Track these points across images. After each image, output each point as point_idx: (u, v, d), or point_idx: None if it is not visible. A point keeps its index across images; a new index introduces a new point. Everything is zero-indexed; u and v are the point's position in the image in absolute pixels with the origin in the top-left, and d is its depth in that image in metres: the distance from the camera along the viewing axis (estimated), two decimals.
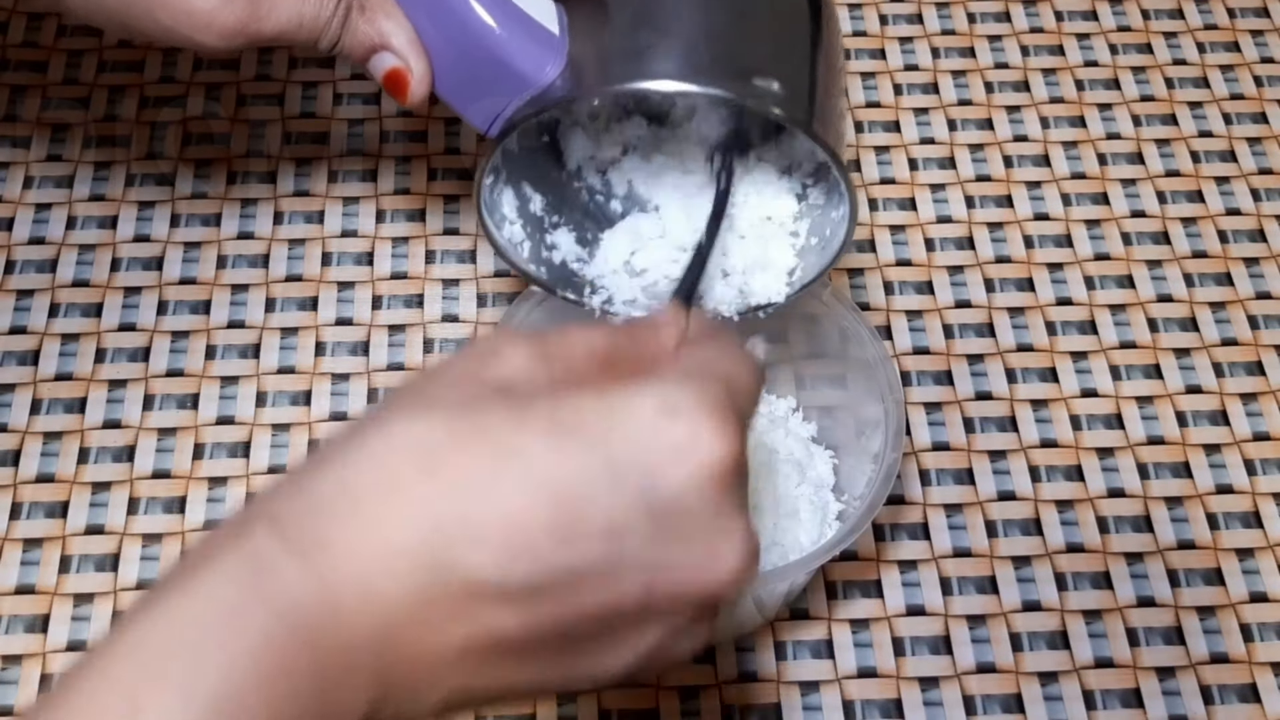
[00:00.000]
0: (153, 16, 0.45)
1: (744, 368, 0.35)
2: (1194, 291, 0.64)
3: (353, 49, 0.47)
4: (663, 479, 0.31)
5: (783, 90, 0.45)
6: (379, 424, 0.31)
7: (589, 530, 0.30)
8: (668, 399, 0.31)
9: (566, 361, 0.33)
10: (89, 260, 0.63)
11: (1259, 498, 0.58)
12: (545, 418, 0.31)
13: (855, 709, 0.53)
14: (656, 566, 0.31)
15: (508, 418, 0.31)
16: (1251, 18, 0.73)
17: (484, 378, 0.32)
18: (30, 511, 0.56)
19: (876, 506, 0.48)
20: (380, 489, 0.30)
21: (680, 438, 0.31)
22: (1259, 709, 0.53)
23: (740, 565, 0.32)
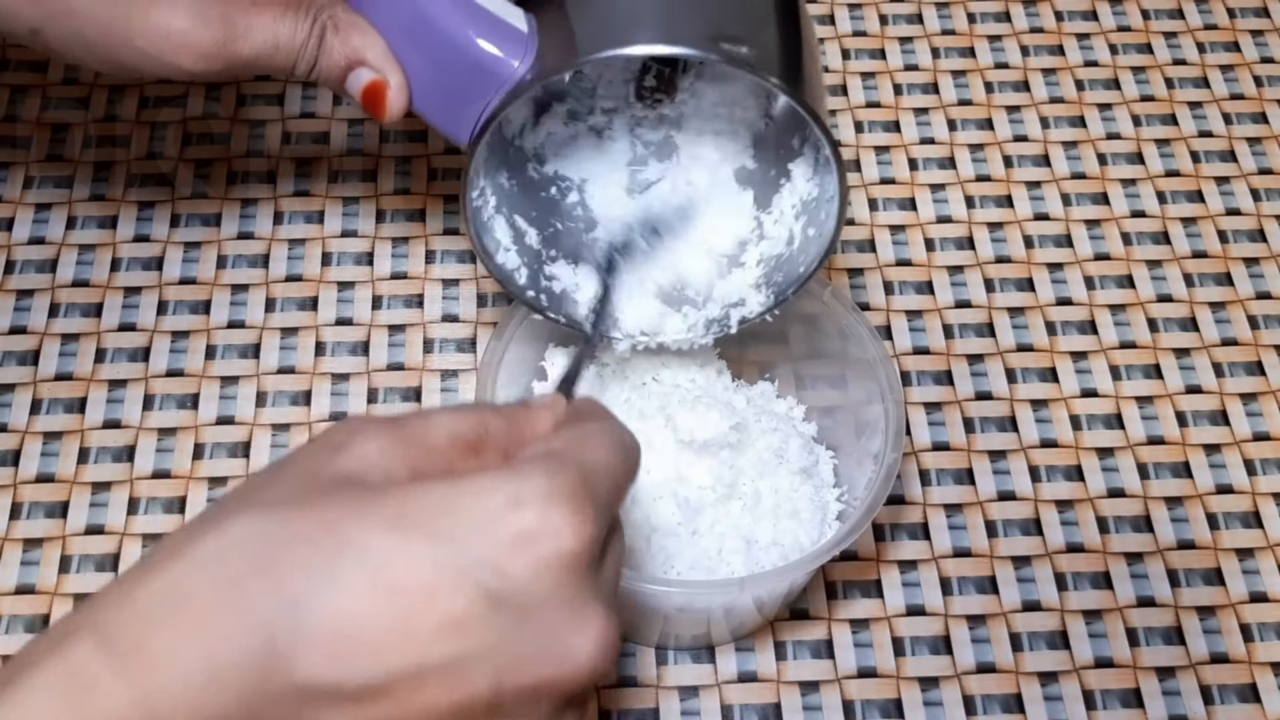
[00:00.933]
0: (131, 44, 0.45)
1: (609, 451, 0.34)
2: (1194, 291, 0.64)
3: (330, 69, 0.47)
4: (507, 572, 0.30)
5: (755, 53, 0.45)
6: (213, 523, 0.30)
7: (430, 627, 0.29)
8: (514, 490, 0.30)
9: (426, 448, 0.32)
10: (89, 260, 0.63)
11: (1259, 498, 0.58)
12: (388, 511, 0.30)
13: (855, 709, 0.53)
14: (504, 661, 0.30)
15: (348, 511, 0.30)
16: (1251, 18, 0.73)
17: (331, 470, 0.31)
18: (30, 511, 0.56)
19: (876, 506, 0.48)
20: (209, 591, 0.29)
21: (524, 528, 0.30)
22: (1259, 709, 0.53)
23: (594, 655, 0.31)
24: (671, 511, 0.51)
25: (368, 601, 0.29)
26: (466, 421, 0.33)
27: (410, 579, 0.29)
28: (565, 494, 0.31)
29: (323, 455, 0.32)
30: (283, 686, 0.28)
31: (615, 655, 0.31)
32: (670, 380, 0.55)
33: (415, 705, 0.29)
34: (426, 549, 0.29)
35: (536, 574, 0.30)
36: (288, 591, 0.29)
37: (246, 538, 0.30)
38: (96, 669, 0.28)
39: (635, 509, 0.51)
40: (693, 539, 0.51)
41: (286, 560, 0.29)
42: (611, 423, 0.36)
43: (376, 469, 0.31)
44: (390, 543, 0.29)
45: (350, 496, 0.30)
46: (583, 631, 0.31)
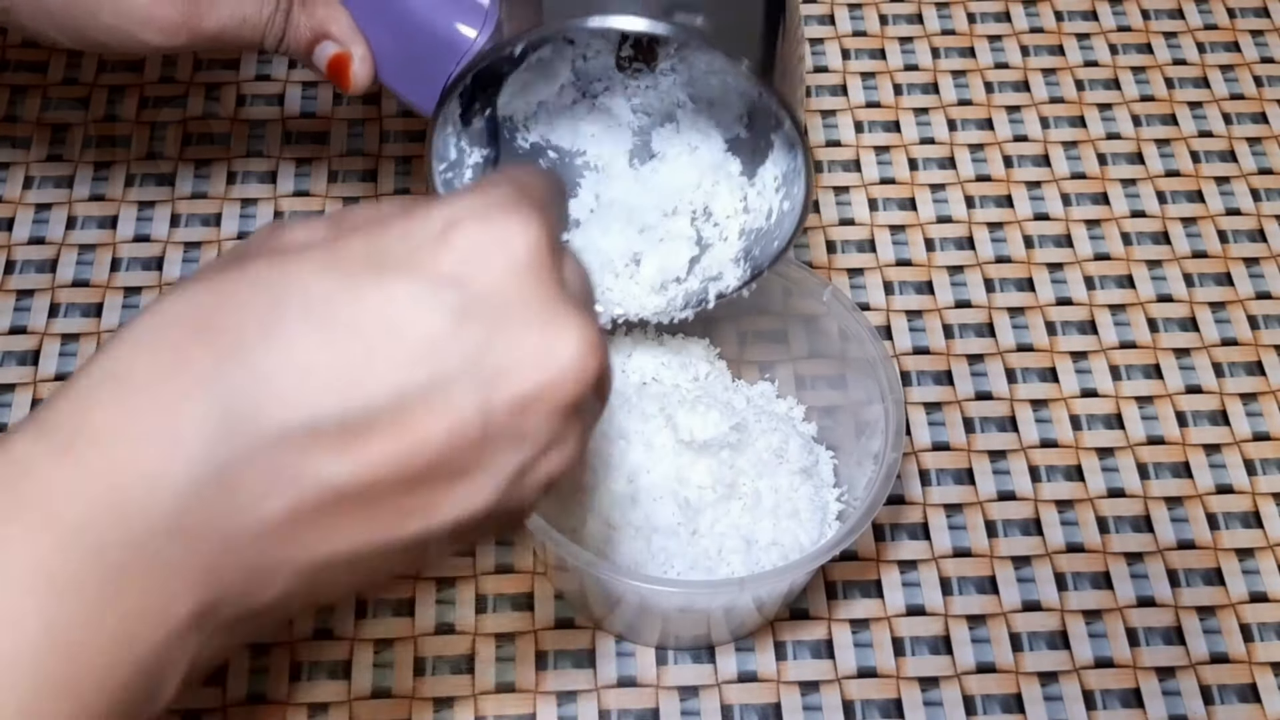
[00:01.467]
0: (97, 18, 0.45)
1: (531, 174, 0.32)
2: (1194, 291, 0.64)
3: (297, 43, 0.48)
4: (465, 284, 0.28)
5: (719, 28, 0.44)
6: (146, 310, 0.29)
7: (400, 352, 0.28)
8: (449, 211, 0.29)
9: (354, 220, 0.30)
10: (89, 260, 0.63)
11: (1259, 498, 0.58)
12: (320, 259, 0.29)
13: (855, 709, 0.53)
14: (486, 376, 0.28)
15: (277, 268, 0.28)
16: (1251, 18, 0.73)
17: (258, 248, 0.30)
18: None
19: (876, 506, 0.48)
20: (152, 367, 0.27)
21: (473, 240, 0.29)
22: (1259, 709, 0.53)
23: (576, 353, 0.29)
24: (671, 511, 0.51)
25: (322, 342, 0.27)
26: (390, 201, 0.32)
27: (365, 313, 0.28)
28: (502, 202, 0.29)
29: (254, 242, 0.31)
30: (252, 442, 0.27)
31: (600, 352, 0.30)
32: (670, 380, 0.55)
33: (405, 437, 0.28)
34: (374, 280, 0.28)
35: (496, 281, 0.29)
36: (235, 348, 0.27)
37: (178, 310, 0.28)
38: (37, 456, 0.26)
39: (635, 509, 0.51)
40: (693, 539, 0.51)
41: (224, 321, 0.28)
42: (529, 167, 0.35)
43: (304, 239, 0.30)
44: (330, 283, 0.28)
45: (283, 257, 0.29)
46: (559, 331, 0.29)
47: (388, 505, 0.28)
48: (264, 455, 0.27)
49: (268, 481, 0.27)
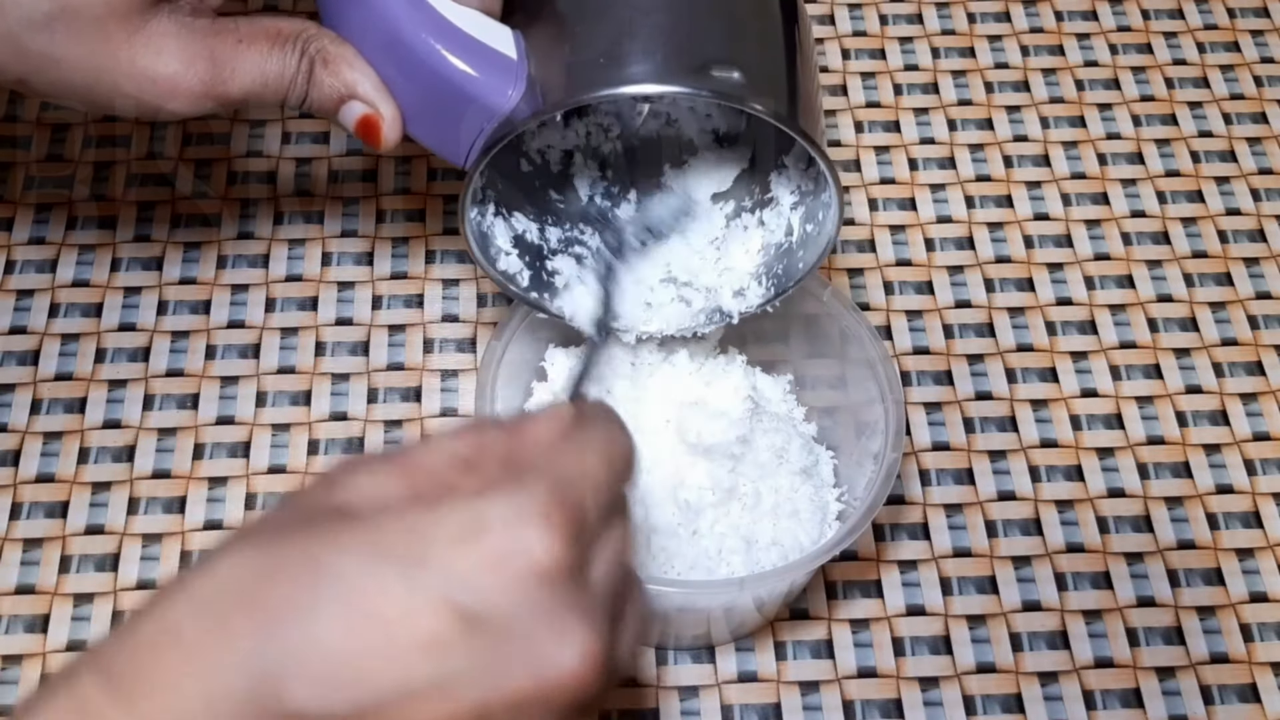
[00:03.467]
0: (119, 89, 0.45)
1: (593, 461, 0.34)
2: (1194, 291, 0.64)
3: (321, 103, 0.47)
4: (479, 590, 0.30)
5: (750, 81, 0.45)
6: (205, 561, 0.31)
7: (410, 649, 0.30)
8: (480, 511, 0.31)
9: (423, 471, 0.33)
10: (89, 260, 0.63)
11: (1259, 498, 0.58)
12: (364, 539, 0.31)
13: (855, 709, 0.53)
14: (488, 679, 0.30)
15: (327, 542, 0.31)
16: (1251, 18, 0.73)
17: (323, 503, 0.32)
18: (30, 511, 0.56)
19: (876, 506, 0.48)
20: (201, 628, 0.30)
21: (493, 547, 0.31)
22: (1259, 709, 0.53)
23: (576, 666, 0.31)
24: (671, 512, 0.51)
25: (347, 629, 0.30)
26: (464, 440, 0.34)
27: (386, 604, 0.30)
28: (532, 511, 0.31)
29: (319, 490, 0.33)
30: (273, 715, 0.29)
31: (603, 662, 0.32)
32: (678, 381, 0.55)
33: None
34: (398, 573, 0.30)
35: (509, 591, 0.31)
36: (270, 624, 0.30)
37: (233, 574, 0.31)
38: (97, 698, 0.29)
39: (635, 509, 0.51)
40: (693, 539, 0.51)
41: (268, 594, 0.30)
42: (604, 429, 0.36)
43: (369, 498, 0.32)
44: (364, 570, 0.30)
45: (332, 527, 0.31)
46: (563, 644, 0.31)
47: None
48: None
49: None
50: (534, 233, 0.53)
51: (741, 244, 0.53)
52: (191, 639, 0.30)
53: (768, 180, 0.52)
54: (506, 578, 0.31)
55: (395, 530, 0.31)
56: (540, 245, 0.53)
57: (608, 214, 0.55)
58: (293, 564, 0.30)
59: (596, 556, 0.33)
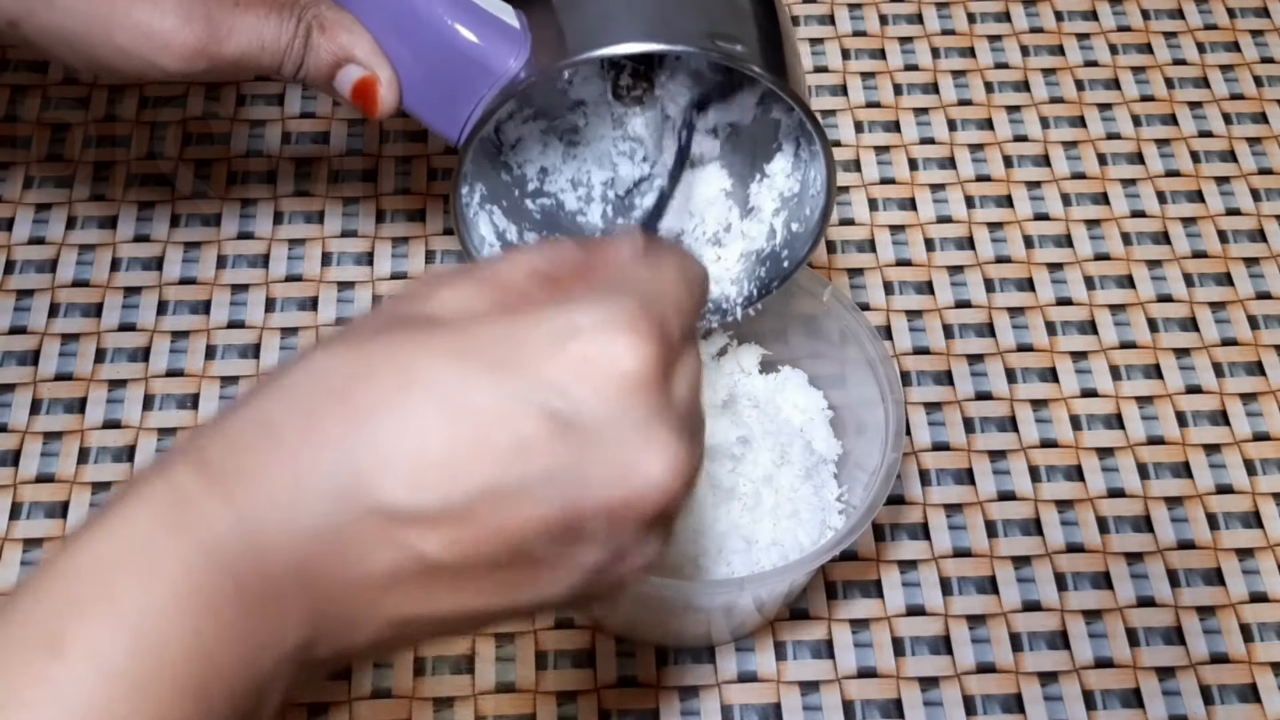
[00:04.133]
0: (111, 40, 0.45)
1: (673, 280, 0.34)
2: (1194, 291, 0.64)
3: (317, 68, 0.47)
4: (570, 395, 0.30)
5: (748, 50, 0.45)
6: (299, 358, 0.32)
7: (498, 450, 0.30)
8: (571, 318, 0.31)
9: (502, 285, 0.33)
10: (89, 260, 0.63)
11: (1259, 498, 0.58)
12: (453, 343, 0.31)
13: (855, 709, 0.53)
14: (575, 482, 0.31)
15: (416, 345, 0.31)
16: (1251, 18, 0.73)
17: (411, 310, 0.33)
18: (30, 511, 0.56)
19: (876, 506, 0.48)
20: (294, 422, 0.30)
21: (584, 353, 0.31)
22: (1259, 709, 0.53)
23: (663, 474, 0.31)
24: None
25: (436, 428, 0.30)
26: (543, 255, 0.34)
27: (475, 406, 0.30)
28: (622, 319, 0.31)
29: (403, 302, 0.33)
30: (365, 508, 0.30)
31: (688, 474, 0.32)
32: None
33: (494, 526, 0.30)
34: (488, 377, 0.30)
35: (599, 396, 0.31)
36: (361, 421, 0.30)
37: (325, 370, 0.31)
38: (195, 489, 0.29)
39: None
40: (693, 539, 0.51)
41: (359, 392, 0.30)
42: (680, 255, 0.36)
43: (455, 309, 0.32)
44: (454, 372, 0.30)
45: (421, 331, 0.31)
46: (651, 451, 0.31)
47: (474, 583, 0.31)
48: (373, 522, 0.30)
49: (373, 546, 0.30)
50: (513, 233, 0.53)
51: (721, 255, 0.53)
52: (284, 431, 0.30)
53: (747, 193, 0.52)
54: (597, 384, 0.31)
55: (484, 336, 0.31)
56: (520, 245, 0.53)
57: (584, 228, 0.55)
58: (385, 365, 0.31)
59: (678, 374, 0.33)
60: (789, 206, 0.51)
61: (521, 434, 0.30)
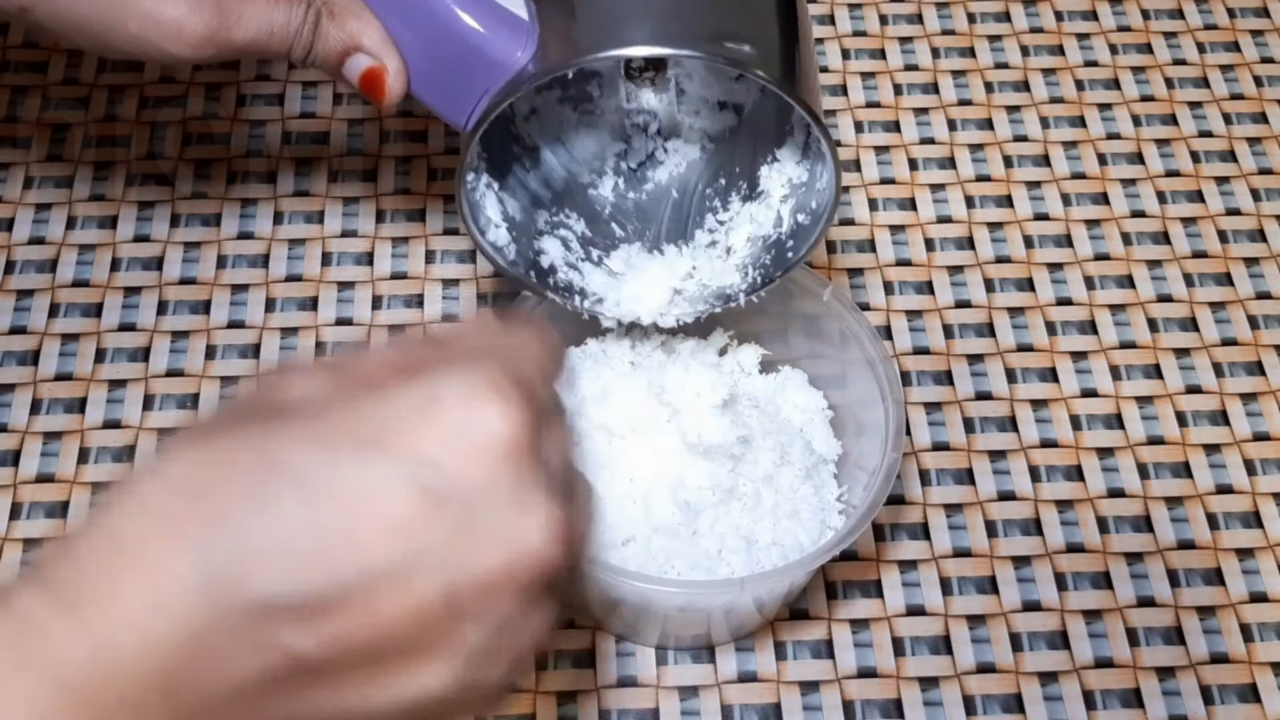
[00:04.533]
0: (123, 26, 0.45)
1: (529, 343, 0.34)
2: (1194, 291, 0.64)
3: (326, 55, 0.47)
4: (441, 467, 0.29)
5: (757, 52, 0.45)
6: (147, 467, 0.30)
7: (370, 533, 0.29)
8: (433, 388, 0.30)
9: (357, 377, 0.32)
10: (89, 260, 0.63)
11: (1259, 498, 0.58)
12: (313, 427, 0.30)
13: (855, 709, 0.53)
14: (454, 558, 0.29)
15: (274, 433, 0.30)
16: (1251, 18, 0.73)
17: (263, 402, 0.31)
18: (30, 511, 0.56)
19: (876, 506, 0.48)
20: (145, 528, 0.29)
21: (451, 421, 0.30)
22: (1259, 709, 0.53)
23: (541, 540, 0.30)
24: (671, 512, 0.51)
25: (302, 515, 0.29)
26: (396, 347, 0.33)
27: (342, 488, 0.29)
28: (486, 383, 0.30)
29: (254, 397, 0.32)
30: (232, 609, 0.28)
31: (566, 537, 0.31)
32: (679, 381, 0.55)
33: (372, 615, 0.29)
34: (353, 457, 0.29)
35: (471, 465, 0.30)
36: (221, 518, 0.28)
37: (178, 471, 0.29)
38: (42, 615, 0.28)
39: (636, 509, 0.51)
40: (693, 539, 0.51)
41: (216, 489, 0.29)
42: (535, 324, 0.35)
43: (310, 397, 0.31)
44: (316, 455, 0.29)
45: (276, 420, 0.30)
46: (528, 515, 0.30)
47: (352, 678, 0.29)
48: (240, 623, 0.28)
49: (242, 648, 0.28)
50: (521, 212, 0.53)
51: (729, 237, 0.53)
52: (136, 541, 0.28)
53: (757, 175, 0.52)
54: (467, 453, 0.30)
55: (345, 416, 0.30)
56: (528, 224, 0.53)
57: (595, 201, 0.55)
58: (240, 458, 0.29)
59: (547, 439, 0.32)
60: (797, 195, 0.51)
61: (393, 513, 0.29)
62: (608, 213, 0.55)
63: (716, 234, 0.54)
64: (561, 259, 0.53)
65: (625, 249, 0.54)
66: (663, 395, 0.53)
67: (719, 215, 0.54)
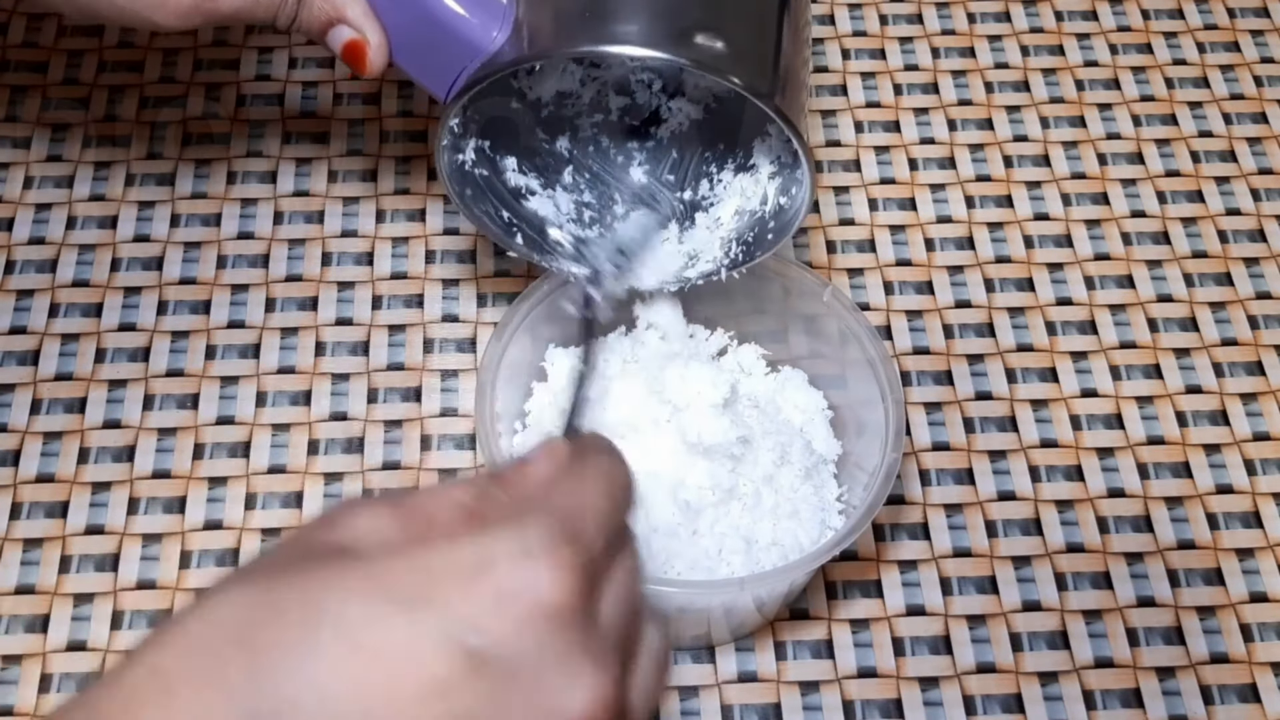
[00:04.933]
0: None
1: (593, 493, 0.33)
2: (1194, 291, 0.64)
3: (310, 24, 0.48)
4: (488, 631, 0.29)
5: (733, 52, 0.45)
6: (199, 601, 0.30)
7: (412, 692, 0.28)
8: (486, 548, 0.30)
9: (424, 515, 0.31)
10: (89, 260, 0.63)
11: (1259, 498, 0.58)
12: (365, 579, 0.29)
13: (855, 709, 0.53)
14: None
15: (326, 581, 0.29)
16: (1251, 18, 0.73)
17: (321, 542, 0.31)
18: (30, 511, 0.56)
19: (876, 506, 0.48)
20: (192, 670, 0.28)
21: (501, 585, 0.29)
22: (1259, 709, 0.53)
23: (587, 711, 0.29)
24: (671, 512, 0.51)
25: (347, 671, 0.28)
26: (465, 488, 0.33)
27: (387, 645, 0.28)
28: (539, 546, 0.30)
29: (317, 529, 0.32)
30: None
31: (615, 706, 0.30)
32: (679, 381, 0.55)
33: None
34: (401, 614, 0.29)
35: (519, 631, 0.29)
36: (266, 667, 0.28)
37: (227, 613, 0.29)
38: None
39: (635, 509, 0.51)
40: (693, 539, 0.51)
41: (263, 635, 0.29)
42: (600, 460, 0.35)
43: (369, 539, 0.31)
44: (366, 610, 0.29)
45: (331, 566, 0.30)
46: (573, 688, 0.29)
47: None
48: None
49: None
50: (515, 175, 0.54)
51: (719, 209, 0.54)
52: (181, 682, 0.28)
53: (750, 146, 0.53)
54: (514, 617, 0.29)
55: (397, 569, 0.29)
56: (519, 187, 0.53)
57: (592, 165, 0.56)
58: (290, 604, 0.29)
59: (605, 592, 0.32)
60: (783, 174, 0.52)
61: (436, 674, 0.28)
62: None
63: (709, 199, 0.54)
64: (553, 218, 0.53)
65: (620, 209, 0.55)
66: (662, 395, 0.53)
67: (713, 183, 0.54)
